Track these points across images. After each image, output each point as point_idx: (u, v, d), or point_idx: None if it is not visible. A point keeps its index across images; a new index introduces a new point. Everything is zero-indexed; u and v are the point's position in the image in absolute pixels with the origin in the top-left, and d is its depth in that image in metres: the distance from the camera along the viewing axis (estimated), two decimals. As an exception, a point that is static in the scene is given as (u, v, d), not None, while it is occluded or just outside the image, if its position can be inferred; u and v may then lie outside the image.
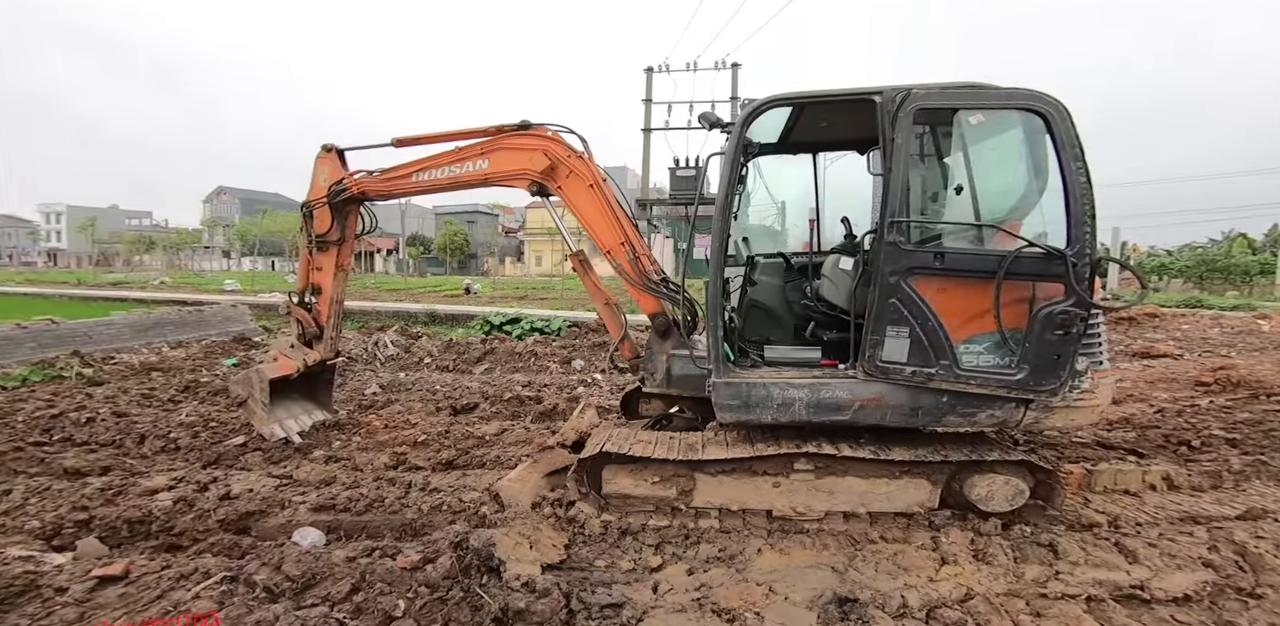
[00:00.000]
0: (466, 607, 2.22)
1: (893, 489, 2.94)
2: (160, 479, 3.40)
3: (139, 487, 3.23)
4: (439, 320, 12.18)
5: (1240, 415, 4.27)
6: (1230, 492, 3.36)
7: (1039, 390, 2.70)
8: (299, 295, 4.43)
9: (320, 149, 4.13)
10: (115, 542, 2.78)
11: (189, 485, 3.32)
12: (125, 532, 2.82)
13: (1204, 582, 2.39)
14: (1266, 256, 22.51)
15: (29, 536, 2.68)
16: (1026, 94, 2.69)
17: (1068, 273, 2.60)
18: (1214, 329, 9.29)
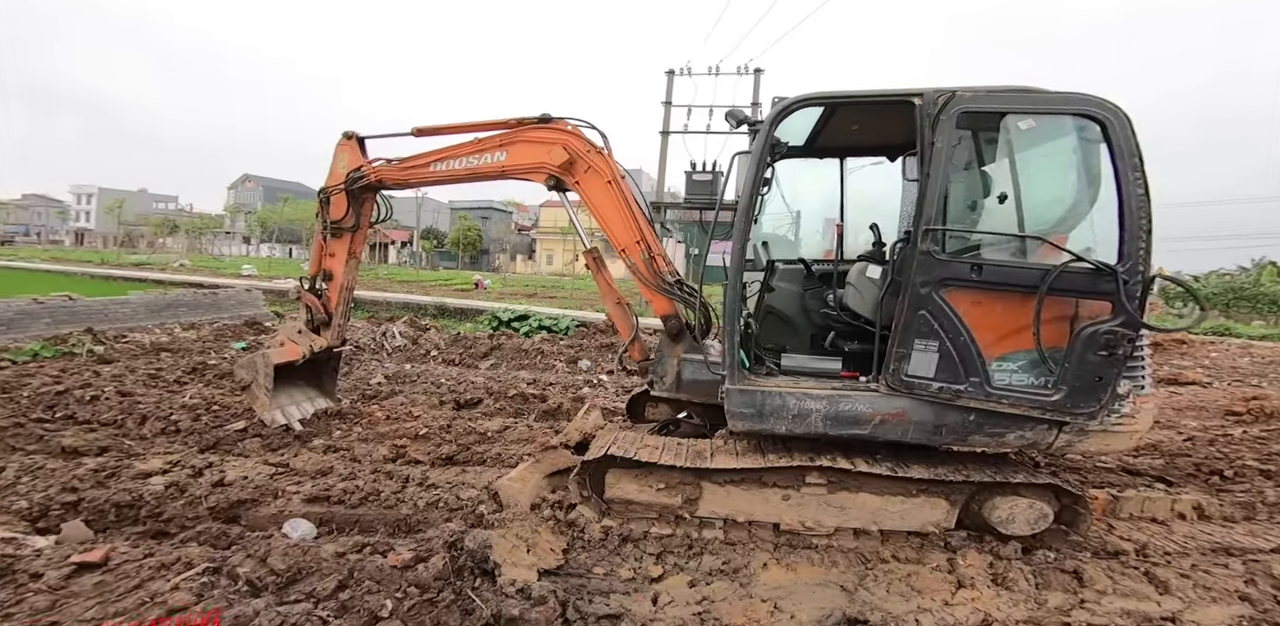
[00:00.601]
0: (457, 611, 2.10)
1: (908, 507, 2.77)
2: (155, 462, 3.32)
3: (133, 470, 3.16)
4: (448, 313, 12.14)
5: (1276, 447, 4.06)
6: (1265, 525, 3.17)
7: (1077, 413, 2.54)
8: (310, 281, 4.36)
9: (341, 136, 4.08)
10: (101, 526, 2.69)
11: (183, 470, 3.23)
12: (113, 516, 2.74)
13: (1240, 617, 2.25)
14: None
15: (14, 517, 2.60)
16: (1084, 99, 2.51)
17: (1118, 290, 2.42)
18: (1244, 358, 8.98)
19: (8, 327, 7.25)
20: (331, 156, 4.08)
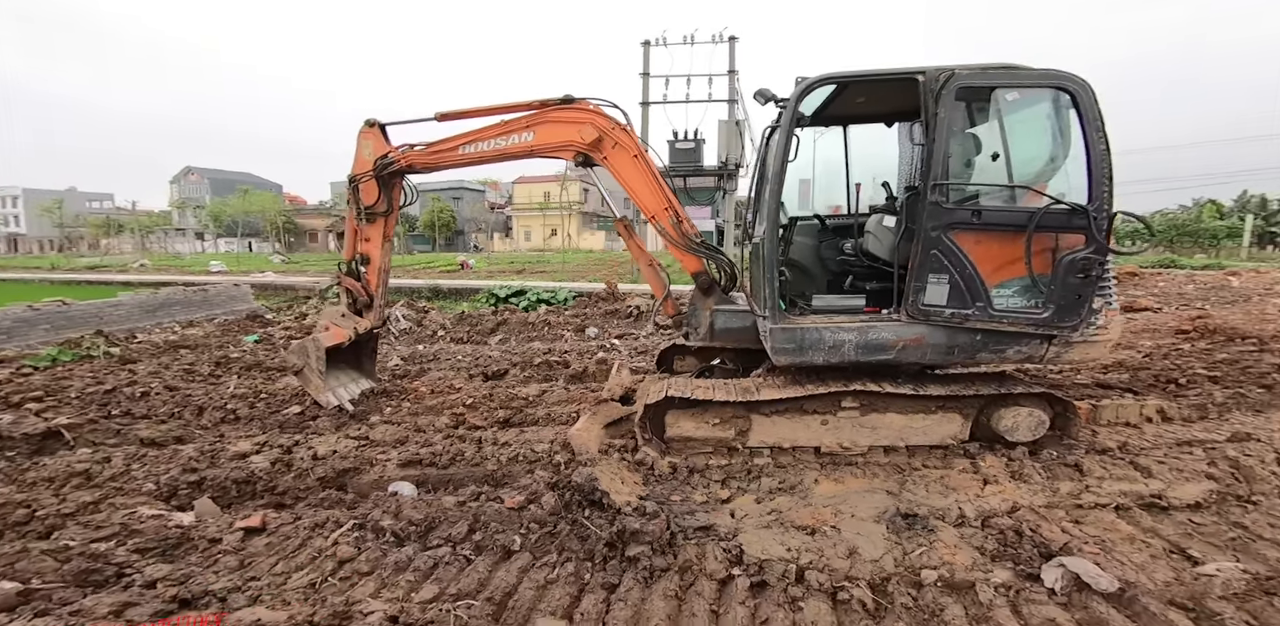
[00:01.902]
0: (575, 538, 2.45)
1: (929, 423, 3.22)
2: (244, 444, 3.52)
3: (228, 452, 3.36)
4: (443, 294, 12.16)
5: (1219, 356, 4.66)
6: (1216, 421, 3.71)
7: (1062, 326, 2.97)
8: (347, 265, 4.47)
9: (363, 124, 4.14)
10: (225, 502, 2.93)
11: (274, 449, 3.46)
12: (234, 492, 2.97)
13: (1209, 491, 2.72)
14: (1234, 221, 23.52)
15: (149, 497, 2.81)
16: (1057, 74, 2.89)
17: (1089, 225, 2.85)
18: (1189, 285, 9.84)
19: (9, 335, 7.10)
20: (355, 145, 4.13)
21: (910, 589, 2.15)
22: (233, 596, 1.89)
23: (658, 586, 2.21)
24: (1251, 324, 5.88)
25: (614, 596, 2.17)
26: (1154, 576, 2.11)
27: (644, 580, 2.25)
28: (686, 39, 13.58)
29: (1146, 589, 2.03)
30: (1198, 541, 2.36)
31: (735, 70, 13.51)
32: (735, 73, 13.54)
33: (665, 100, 13.74)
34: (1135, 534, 2.42)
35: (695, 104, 13.70)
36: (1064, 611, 1.98)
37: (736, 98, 13.50)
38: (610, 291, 9.76)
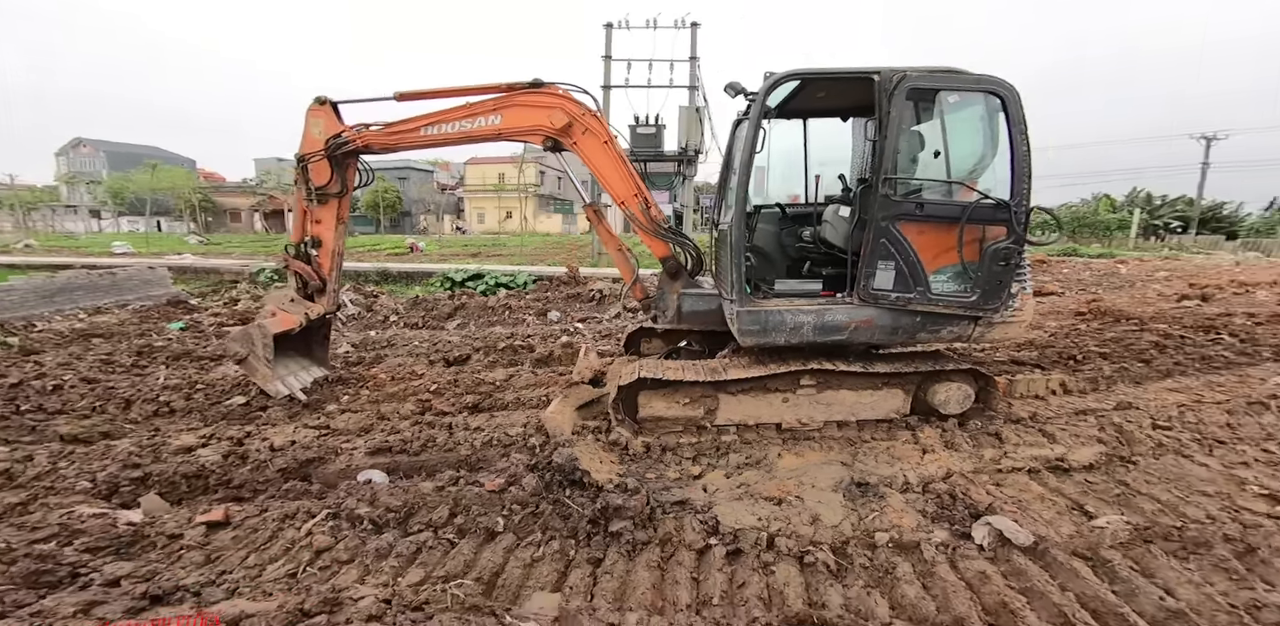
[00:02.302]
0: (558, 517, 2.47)
1: (876, 399, 3.46)
2: (188, 438, 3.24)
3: (171, 447, 3.08)
4: (392, 278, 11.51)
5: (1108, 335, 5.29)
6: (1105, 393, 4.23)
7: (986, 309, 3.26)
8: (295, 248, 4.15)
9: (313, 101, 3.84)
10: (175, 498, 2.70)
11: (223, 441, 3.20)
12: (185, 487, 2.74)
13: (1100, 453, 3.10)
14: (1124, 215, 26.41)
15: (86, 495, 2.54)
16: (991, 79, 3.10)
17: (1010, 218, 3.12)
18: (1086, 272, 11.02)
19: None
20: (304, 123, 3.84)
21: (866, 550, 2.34)
22: (207, 590, 1.76)
23: (641, 558, 2.28)
24: (1135, 306, 6.71)
25: (600, 570, 2.21)
26: (1060, 530, 2.38)
27: (627, 553, 2.31)
28: (649, 23, 13.35)
29: (1055, 542, 2.28)
30: (1092, 498, 2.67)
31: (696, 57, 13.43)
32: (696, 59, 13.47)
33: (627, 84, 13.51)
34: (1044, 493, 2.72)
35: (657, 89, 13.57)
36: (991, 565, 2.20)
37: (697, 84, 13.46)
38: (571, 275, 9.63)
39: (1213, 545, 2.22)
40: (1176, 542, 2.26)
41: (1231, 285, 8.18)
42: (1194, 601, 1.95)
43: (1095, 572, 2.14)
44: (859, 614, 2.02)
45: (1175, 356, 4.60)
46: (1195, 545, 2.24)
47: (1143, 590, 2.01)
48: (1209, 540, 2.24)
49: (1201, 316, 5.85)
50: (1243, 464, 2.88)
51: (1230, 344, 4.80)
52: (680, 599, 2.07)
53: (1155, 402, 3.65)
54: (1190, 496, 2.59)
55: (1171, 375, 4.29)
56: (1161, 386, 4.03)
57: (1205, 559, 2.17)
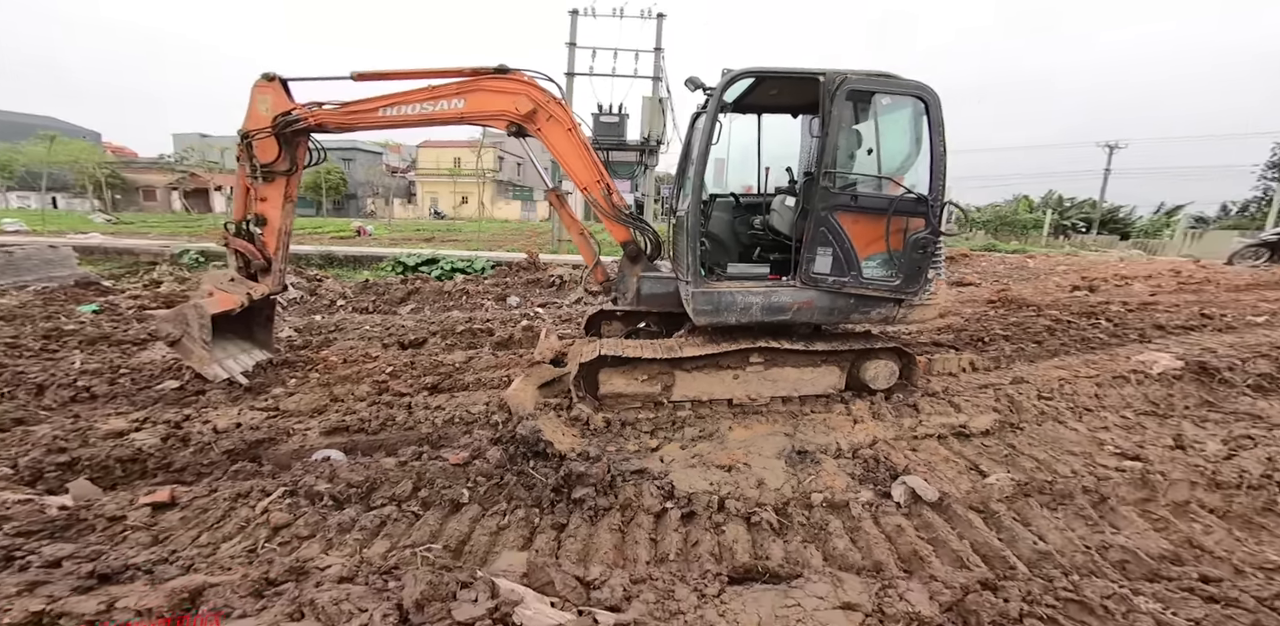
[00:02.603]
0: (522, 487, 2.51)
1: (816, 375, 3.71)
2: (118, 422, 2.99)
3: (100, 431, 2.83)
4: (338, 262, 10.83)
5: (1011, 320, 5.87)
6: (1004, 370, 4.71)
7: (908, 292, 3.53)
8: (237, 226, 3.87)
9: (260, 78, 3.60)
10: (108, 483, 2.50)
11: (159, 425, 2.98)
12: (120, 472, 2.54)
13: (995, 421, 3.46)
14: (1039, 215, 28.88)
15: (7, 481, 2.30)
16: (917, 84, 3.33)
17: (928, 212, 3.39)
18: (1000, 265, 12.05)
19: None
20: (249, 99, 3.62)
21: (804, 510, 2.53)
22: (160, 568, 1.68)
23: (603, 522, 2.37)
24: (1035, 296, 7.45)
25: (564, 534, 2.29)
26: (960, 487, 2.65)
27: (590, 518, 2.40)
28: (615, 12, 13.10)
29: (955, 497, 2.56)
30: (986, 459, 2.99)
31: (661, 48, 13.30)
32: (661, 50, 13.34)
33: (591, 72, 13.24)
34: (950, 456, 3.02)
35: (620, 78, 13.37)
36: (906, 519, 2.45)
37: (661, 75, 13.35)
38: (531, 261, 9.44)
39: (1074, 496, 2.55)
40: (1048, 495, 2.58)
41: (1115, 278, 9.24)
42: (1059, 544, 2.24)
43: (985, 522, 2.42)
44: (797, 563, 2.20)
45: (1062, 338, 5.18)
46: (1062, 497, 2.56)
47: (1021, 536, 2.29)
48: (1072, 492, 2.57)
49: (1086, 304, 6.60)
50: (1104, 428, 3.32)
51: (1106, 327, 5.46)
52: (640, 556, 2.19)
53: (1042, 378, 4.11)
54: (1061, 456, 2.95)
55: (1058, 354, 4.83)
56: (1049, 364, 4.53)
57: (1069, 508, 2.50)
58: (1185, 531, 2.32)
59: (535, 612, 1.56)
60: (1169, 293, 7.80)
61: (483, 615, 1.46)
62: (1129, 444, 3.04)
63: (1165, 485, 2.57)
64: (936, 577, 1.99)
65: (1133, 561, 2.14)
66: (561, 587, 1.72)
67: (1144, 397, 3.74)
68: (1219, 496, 2.52)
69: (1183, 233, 22.99)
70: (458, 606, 1.46)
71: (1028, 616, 1.75)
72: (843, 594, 1.88)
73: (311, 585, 1.49)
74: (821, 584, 1.93)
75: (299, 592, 1.45)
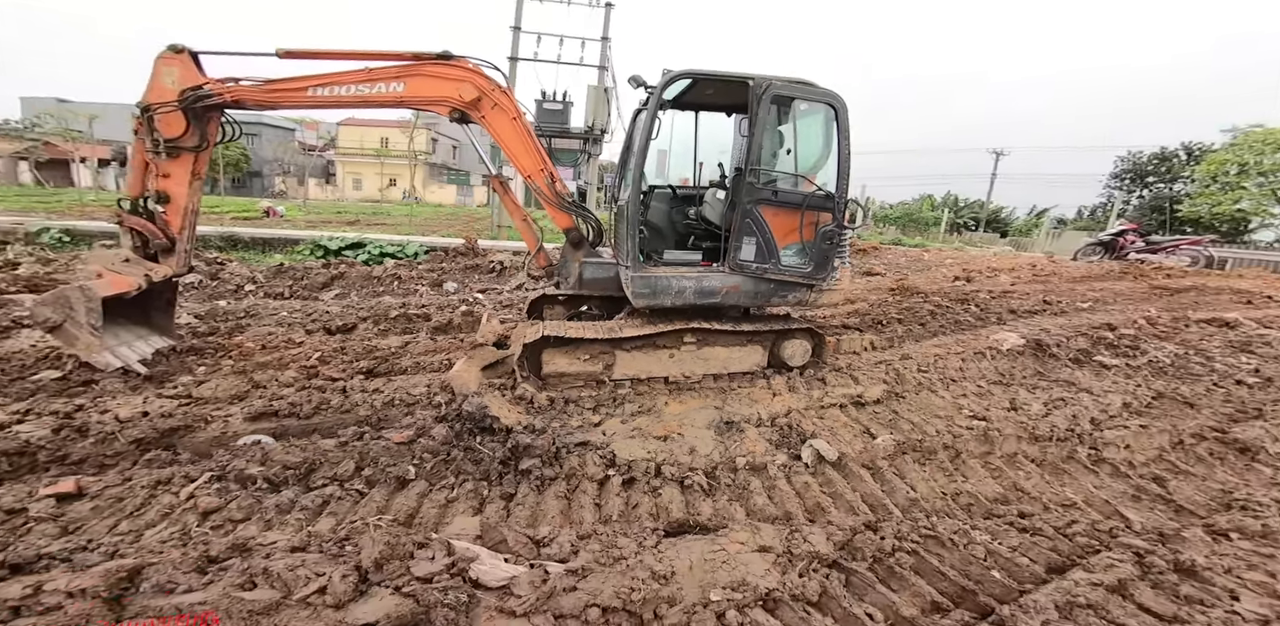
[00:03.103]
0: (469, 462, 2.55)
1: (742, 354, 4.01)
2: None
3: (-28, 425, 2.46)
4: (243, 245, 9.72)
5: (904, 305, 6.62)
6: (896, 348, 5.34)
7: (818, 278, 3.89)
8: (132, 203, 3.44)
9: (166, 49, 3.24)
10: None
11: (46, 416, 2.64)
12: (5, 465, 2.23)
13: (885, 391, 3.90)
14: (939, 213, 31.91)
15: None
16: (830, 92, 3.64)
17: (834, 207, 3.75)
18: (903, 258, 13.34)
19: None
20: (152, 70, 3.26)
21: (730, 472, 2.77)
22: (79, 555, 1.54)
23: (550, 490, 2.47)
24: (926, 284, 8.40)
25: (513, 503, 2.36)
26: (854, 448, 2.97)
27: (537, 488, 2.48)
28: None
29: (851, 456, 2.89)
30: (875, 423, 3.37)
31: (608, 37, 13.04)
32: (608, 40, 13.07)
33: (536, 58, 12.73)
34: (848, 421, 3.39)
35: (566, 65, 12.97)
36: (813, 477, 2.75)
37: (607, 64, 13.10)
38: (470, 247, 9.04)
39: (938, 452, 2.98)
40: (919, 452, 2.99)
41: (987, 270, 10.62)
42: (925, 492, 2.63)
43: (873, 477, 2.77)
44: (724, 517, 2.44)
45: (941, 321, 5.93)
46: (929, 453, 2.98)
47: (898, 487, 2.67)
48: (936, 449, 2.99)
49: (962, 292, 7.57)
50: (963, 395, 3.87)
51: (974, 312, 6.32)
52: (585, 518, 2.32)
53: (923, 354, 4.72)
54: (930, 419, 3.41)
55: (937, 335, 5.54)
56: (931, 343, 5.20)
57: (934, 462, 2.92)
58: (1013, 477, 2.80)
59: (490, 567, 1.65)
60: (1025, 283, 9.13)
61: (440, 570, 1.52)
62: (979, 407, 3.60)
63: (1000, 440, 3.10)
64: (833, 523, 2.29)
65: (975, 504, 2.58)
66: (514, 545, 1.82)
67: (995, 370, 4.41)
68: (1037, 448, 3.07)
69: (1045, 232, 26.48)
70: (416, 564, 1.52)
71: (899, 550, 2.06)
72: (760, 539, 2.13)
73: (260, 557, 1.47)
74: (743, 532, 2.17)
75: (247, 565, 1.42)
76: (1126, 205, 30.27)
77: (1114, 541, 2.16)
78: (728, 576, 1.85)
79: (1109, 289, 8.45)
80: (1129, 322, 5.93)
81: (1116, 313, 6.65)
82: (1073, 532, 2.23)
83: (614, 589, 1.66)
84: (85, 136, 25.87)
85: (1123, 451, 3.10)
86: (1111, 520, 2.41)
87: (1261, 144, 18.80)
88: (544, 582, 1.61)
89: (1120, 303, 7.35)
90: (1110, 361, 4.68)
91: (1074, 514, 2.45)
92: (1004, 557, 2.05)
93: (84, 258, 6.81)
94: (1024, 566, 2.01)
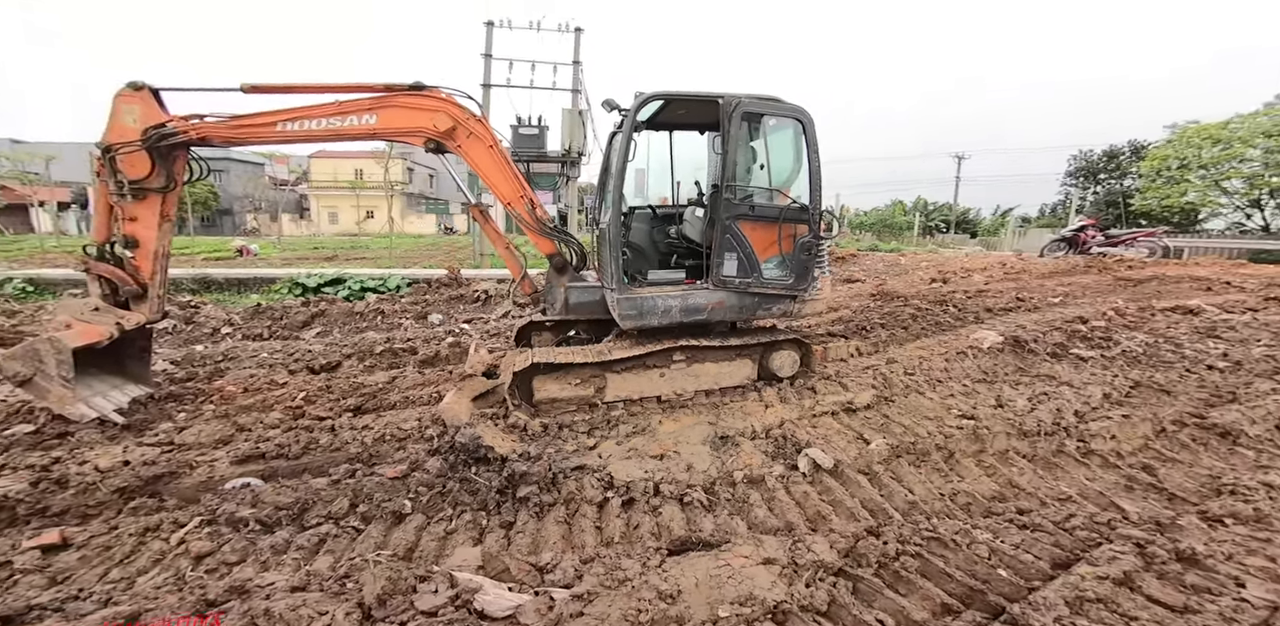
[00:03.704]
0: (466, 493, 2.54)
1: (733, 368, 4.08)
2: (-33, 473, 2.52)
3: (-58, 485, 2.38)
4: (217, 286, 9.59)
5: (886, 310, 6.79)
6: (881, 353, 5.45)
7: (799, 289, 4.01)
8: (99, 249, 3.44)
9: (125, 87, 3.26)
10: (-35, 538, 2.11)
11: (22, 470, 2.57)
12: (-20, 524, 2.16)
13: (874, 396, 3.98)
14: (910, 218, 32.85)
15: None
16: (796, 107, 3.82)
17: (810, 218, 3.90)
18: (880, 264, 13.68)
19: None
20: (111, 109, 3.28)
21: (728, 487, 2.78)
22: (72, 605, 1.50)
23: (549, 516, 2.47)
24: (905, 288, 8.63)
25: (513, 531, 2.35)
26: (850, 454, 3.00)
27: (536, 514, 2.48)
28: (532, 25, 13.05)
29: (847, 463, 2.92)
30: (868, 429, 3.42)
31: (579, 61, 13.44)
32: (579, 64, 13.47)
33: (509, 84, 13.07)
34: (841, 428, 3.45)
35: (539, 90, 13.34)
36: (810, 486, 2.78)
37: (580, 88, 13.47)
38: (453, 277, 9.04)
39: (931, 453, 3.03)
40: (913, 454, 3.04)
41: (961, 271, 10.95)
42: (923, 495, 2.67)
43: (870, 482, 2.80)
44: (726, 532, 2.45)
45: (922, 323, 6.10)
46: (923, 454, 3.03)
47: (896, 491, 2.70)
48: (929, 450, 3.05)
49: (939, 294, 7.81)
50: (950, 395, 3.96)
51: (952, 312, 6.52)
52: (587, 542, 2.32)
53: (907, 357, 4.83)
54: (920, 421, 3.47)
55: (920, 337, 5.69)
56: (914, 345, 5.34)
57: (928, 464, 2.97)
58: (1007, 474, 2.86)
59: (495, 596, 1.65)
60: (998, 281, 9.44)
61: (444, 603, 1.52)
62: (967, 406, 3.69)
63: (990, 437, 3.18)
64: (835, 530, 2.31)
65: (973, 503, 2.62)
66: (517, 573, 1.81)
67: (978, 368, 4.55)
68: (1027, 443, 3.15)
69: (1011, 231, 27.41)
70: (419, 597, 1.51)
71: (902, 554, 2.09)
72: (763, 552, 2.14)
73: (260, 599, 1.45)
74: (746, 546, 2.19)
75: (248, 606, 1.41)
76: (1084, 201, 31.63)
77: (1113, 533, 2.20)
78: (735, 591, 1.87)
79: (1076, 283, 8.79)
80: (1099, 315, 6.17)
81: (1086, 305, 6.92)
82: (1072, 526, 2.28)
83: (621, 611, 1.67)
84: (43, 179, 25.42)
85: (1109, 442, 3.19)
86: (1108, 511, 2.46)
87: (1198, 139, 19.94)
88: (550, 610, 1.61)
89: (1088, 296, 7.64)
90: (1086, 353, 4.85)
91: (1071, 507, 2.50)
92: (1008, 555, 2.08)
93: (51, 308, 6.67)
94: (1029, 563, 2.04)
